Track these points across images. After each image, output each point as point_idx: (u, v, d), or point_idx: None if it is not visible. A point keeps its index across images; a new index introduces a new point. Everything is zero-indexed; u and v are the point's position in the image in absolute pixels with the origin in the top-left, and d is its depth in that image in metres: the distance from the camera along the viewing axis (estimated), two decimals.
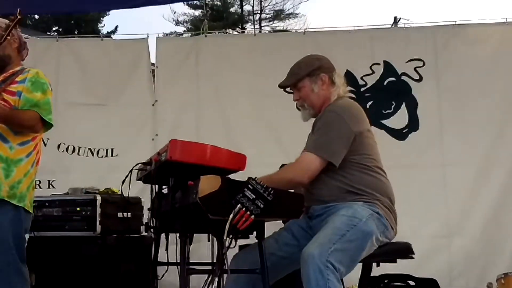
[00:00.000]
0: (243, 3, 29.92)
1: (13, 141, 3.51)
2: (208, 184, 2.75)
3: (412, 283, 4.99)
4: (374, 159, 3.34)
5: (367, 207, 3.17)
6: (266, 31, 26.69)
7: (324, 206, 3.24)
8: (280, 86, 3.54)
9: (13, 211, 3.45)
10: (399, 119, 6.29)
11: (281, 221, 3.53)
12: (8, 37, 3.53)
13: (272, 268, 3.13)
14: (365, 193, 3.22)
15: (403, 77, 6.33)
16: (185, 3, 26.11)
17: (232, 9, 30.50)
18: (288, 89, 3.57)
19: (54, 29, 29.04)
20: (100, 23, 30.50)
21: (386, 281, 4.98)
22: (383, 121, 6.27)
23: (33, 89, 3.55)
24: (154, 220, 3.55)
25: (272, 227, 3.40)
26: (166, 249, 3.52)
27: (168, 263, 3.49)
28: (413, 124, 6.26)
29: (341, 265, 2.97)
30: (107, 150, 6.39)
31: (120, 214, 4.85)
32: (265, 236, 3.18)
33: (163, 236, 3.56)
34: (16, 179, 3.48)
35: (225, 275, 3.21)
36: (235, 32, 24.66)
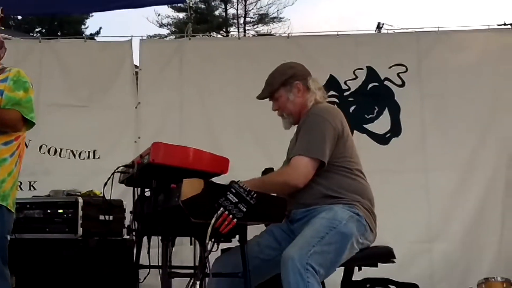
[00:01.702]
0: (228, 7, 29.96)
1: None
2: (190, 187, 2.74)
3: (393, 287, 5.01)
4: (355, 161, 3.35)
5: (347, 209, 3.18)
6: (250, 35, 26.68)
7: (305, 209, 3.24)
8: (258, 98, 3.54)
9: None
10: (381, 124, 6.32)
11: (263, 225, 3.53)
12: None
13: (254, 271, 3.12)
14: (345, 195, 3.23)
15: (386, 82, 6.36)
16: (169, 5, 26.03)
17: (217, 12, 30.50)
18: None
19: (37, 30, 28.94)
20: (84, 24, 30.40)
21: (368, 285, 4.99)
22: (366, 126, 6.29)
23: (15, 87, 3.53)
24: (136, 223, 3.54)
25: (254, 230, 3.40)
26: (148, 252, 3.51)
27: (149, 266, 3.48)
28: (395, 129, 6.29)
29: (321, 268, 2.98)
30: (89, 152, 6.35)
31: (101, 217, 4.82)
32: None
33: (145, 239, 3.55)
34: (0, 178, 3.45)
35: (207, 279, 3.20)
36: (219, 36, 24.66)
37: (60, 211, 4.76)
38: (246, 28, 29.62)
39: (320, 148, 3.19)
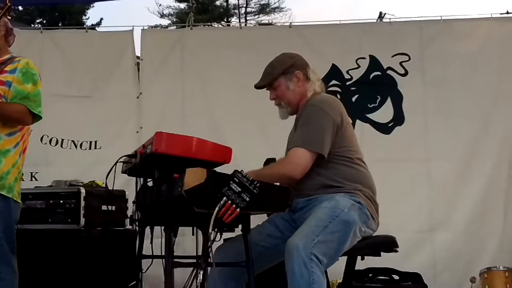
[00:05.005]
0: None
1: (1, 131, 3.48)
2: (193, 177, 2.74)
3: (396, 277, 5.02)
4: (355, 150, 3.36)
5: (349, 198, 3.18)
6: (252, 25, 26.56)
7: (307, 199, 3.25)
8: (256, 87, 3.53)
9: (3, 202, 3.43)
10: (384, 113, 6.30)
11: (265, 215, 3.53)
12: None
13: (256, 259, 3.11)
14: (346, 184, 3.24)
15: (389, 71, 6.35)
16: None
17: (218, 3, 30.30)
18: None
19: (38, 21, 28.79)
20: (85, 15, 30.25)
21: (370, 274, 5.01)
22: (368, 115, 6.28)
23: (24, 80, 3.52)
24: (138, 213, 3.54)
25: (256, 220, 3.40)
26: (151, 242, 3.51)
27: (152, 256, 3.48)
28: (398, 118, 6.28)
29: (324, 257, 2.98)
30: (90, 142, 6.35)
31: (104, 207, 4.81)
32: None
33: (147, 229, 3.55)
34: (4, 170, 3.45)
35: (209, 268, 3.20)
36: (220, 26, 24.57)
37: (62, 201, 4.76)
38: (247, 18, 29.49)
39: (319, 140, 3.19)
